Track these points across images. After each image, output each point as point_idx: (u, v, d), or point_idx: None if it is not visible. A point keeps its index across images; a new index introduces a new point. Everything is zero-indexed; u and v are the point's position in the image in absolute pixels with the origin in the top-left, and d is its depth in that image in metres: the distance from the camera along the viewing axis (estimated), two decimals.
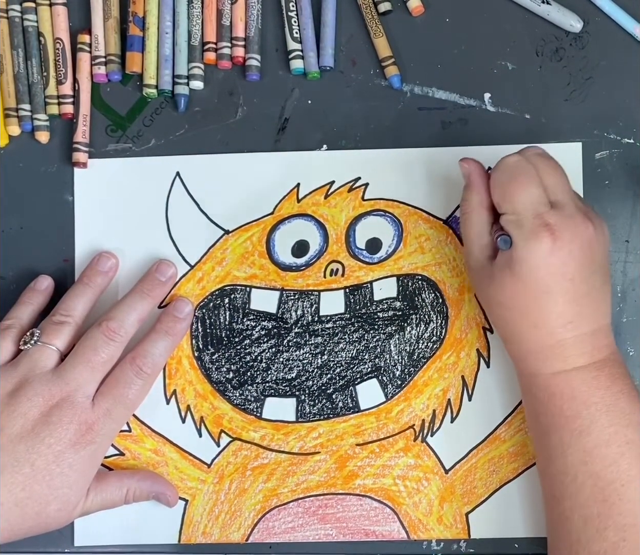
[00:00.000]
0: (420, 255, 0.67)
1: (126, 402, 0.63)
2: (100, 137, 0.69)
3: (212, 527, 0.66)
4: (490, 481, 0.65)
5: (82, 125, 0.69)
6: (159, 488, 0.65)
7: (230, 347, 0.67)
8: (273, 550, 0.66)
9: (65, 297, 0.66)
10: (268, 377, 0.67)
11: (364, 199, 0.67)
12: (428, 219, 0.67)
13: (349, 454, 0.66)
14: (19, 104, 0.69)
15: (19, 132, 0.70)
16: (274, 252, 0.68)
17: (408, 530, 0.65)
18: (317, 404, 0.66)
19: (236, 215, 0.68)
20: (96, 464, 0.63)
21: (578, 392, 0.57)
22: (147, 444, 0.67)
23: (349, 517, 0.66)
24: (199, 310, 0.67)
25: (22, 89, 0.69)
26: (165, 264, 0.67)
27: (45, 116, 0.69)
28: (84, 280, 0.66)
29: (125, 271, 0.68)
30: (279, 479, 0.66)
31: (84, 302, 0.65)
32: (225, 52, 0.68)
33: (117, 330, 0.63)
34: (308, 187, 0.68)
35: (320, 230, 0.67)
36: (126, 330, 0.64)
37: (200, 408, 0.67)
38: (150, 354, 0.64)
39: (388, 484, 0.66)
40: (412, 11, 0.68)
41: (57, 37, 0.69)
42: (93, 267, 0.67)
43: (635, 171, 0.66)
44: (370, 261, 0.67)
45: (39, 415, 0.61)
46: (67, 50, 0.69)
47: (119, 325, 0.64)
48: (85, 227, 0.69)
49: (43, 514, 0.60)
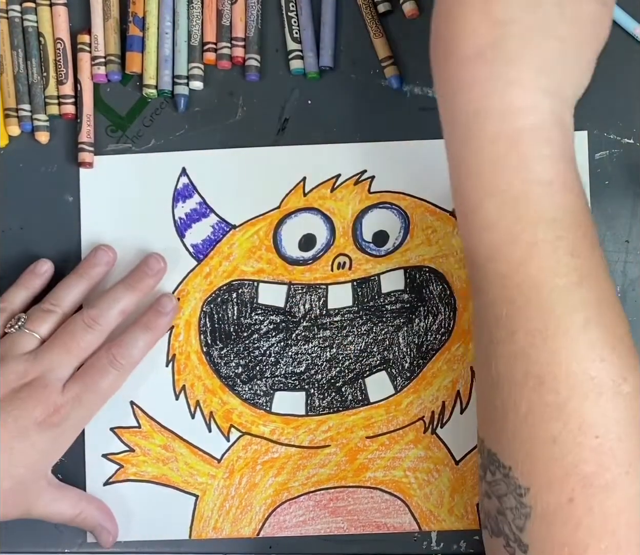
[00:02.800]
0: (428, 247, 0.67)
1: (97, 390, 0.63)
2: (100, 138, 0.69)
3: (223, 522, 0.66)
4: None
5: (86, 125, 0.69)
6: (107, 524, 0.65)
7: (239, 342, 0.67)
8: (273, 550, 0.66)
9: (57, 287, 0.66)
10: (277, 371, 0.67)
11: (370, 192, 0.67)
12: (434, 210, 0.67)
13: (359, 447, 0.66)
14: (18, 104, 0.70)
15: (19, 133, 0.70)
16: (281, 246, 0.68)
17: (419, 521, 0.65)
18: (326, 397, 0.67)
19: (243, 209, 0.68)
20: (58, 450, 0.63)
21: None
22: (156, 439, 0.67)
23: (360, 510, 0.66)
24: (206, 305, 0.67)
25: (22, 89, 0.70)
26: (153, 258, 0.67)
27: (45, 116, 0.69)
28: (79, 271, 0.66)
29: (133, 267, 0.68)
30: (289, 472, 0.66)
31: (75, 294, 0.66)
32: (225, 52, 0.69)
33: (96, 319, 0.64)
34: (314, 180, 0.68)
35: (327, 223, 0.68)
36: (106, 320, 0.64)
37: (210, 403, 0.67)
38: (127, 344, 0.64)
39: (399, 476, 0.66)
40: (407, 14, 0.68)
41: (58, 38, 0.69)
42: (89, 259, 0.67)
43: (635, 171, 0.66)
44: (378, 254, 0.67)
45: (9, 391, 0.62)
46: (67, 50, 0.69)
47: (99, 313, 0.64)
48: (92, 224, 0.69)
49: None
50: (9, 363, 0.63)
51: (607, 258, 0.63)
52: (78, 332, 0.63)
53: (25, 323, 0.64)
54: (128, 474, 0.67)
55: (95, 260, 0.67)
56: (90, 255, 0.67)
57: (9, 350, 0.63)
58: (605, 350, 0.50)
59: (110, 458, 0.67)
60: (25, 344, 0.64)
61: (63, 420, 0.62)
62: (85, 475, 0.67)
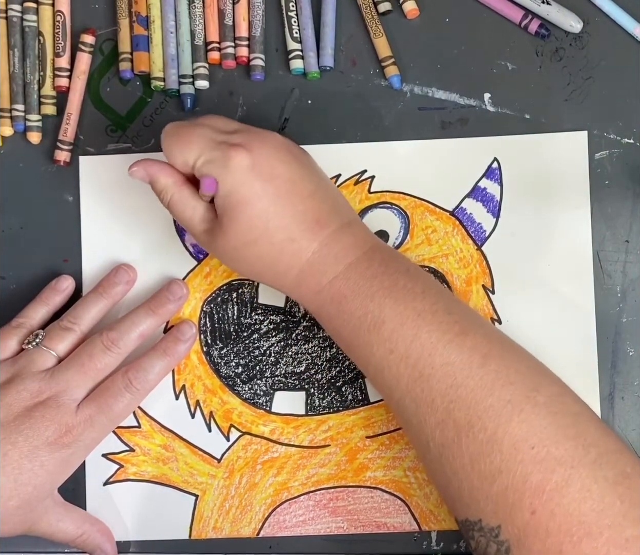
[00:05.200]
0: (427, 247, 0.67)
1: (110, 413, 0.63)
2: (100, 137, 0.70)
3: (223, 522, 0.66)
4: None
5: (65, 123, 0.69)
6: (107, 548, 0.65)
7: (239, 342, 0.67)
8: (273, 550, 0.66)
9: (76, 304, 0.66)
10: (277, 371, 0.67)
11: (370, 192, 0.67)
12: (434, 210, 0.67)
13: (359, 447, 0.66)
14: (12, 105, 0.70)
15: (11, 133, 0.70)
16: None
17: (419, 521, 0.65)
18: (326, 397, 0.67)
19: None
20: (67, 472, 0.63)
21: (358, 288, 0.57)
22: (156, 439, 0.67)
23: (360, 510, 0.66)
24: (206, 305, 0.68)
25: (16, 89, 0.70)
26: (176, 284, 0.67)
27: (37, 116, 0.69)
28: (99, 290, 0.66)
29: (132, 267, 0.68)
30: (289, 472, 0.66)
31: (94, 312, 0.66)
32: (229, 51, 0.69)
33: (115, 342, 0.64)
34: None
35: None
36: (125, 343, 0.64)
37: (210, 403, 0.67)
38: (144, 370, 0.64)
39: (399, 475, 0.66)
40: (407, 14, 0.68)
41: (58, 10, 0.69)
42: (110, 278, 0.67)
43: (635, 171, 0.66)
44: None
45: (23, 409, 0.61)
46: (67, 24, 0.69)
47: (118, 336, 0.64)
48: (91, 223, 0.69)
49: (1, 508, 0.60)
50: (24, 381, 0.62)
51: (607, 258, 0.64)
52: (96, 354, 0.63)
53: (43, 340, 0.64)
54: (128, 474, 0.67)
55: (116, 280, 0.67)
56: (110, 274, 0.67)
57: (26, 368, 0.63)
58: (510, 375, 0.54)
59: (110, 458, 0.67)
60: (42, 361, 0.64)
61: (74, 442, 0.62)
62: (85, 475, 0.67)
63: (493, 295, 0.66)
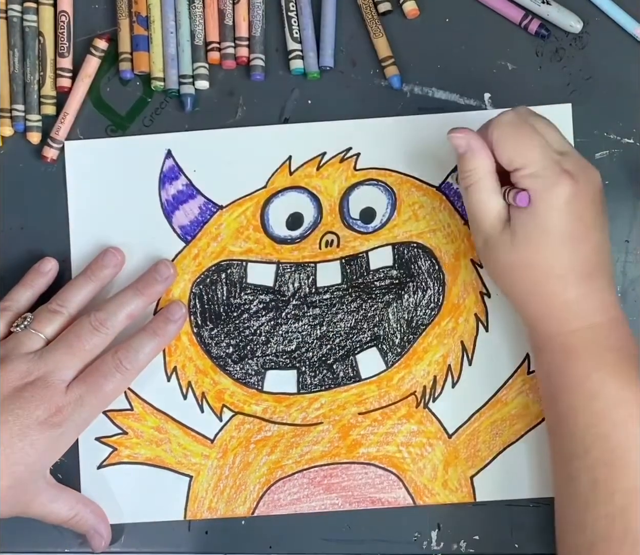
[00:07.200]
0: (415, 222, 0.67)
1: (100, 393, 0.63)
2: (100, 137, 0.69)
3: (218, 502, 0.66)
4: (493, 444, 0.65)
5: (59, 121, 0.69)
6: (101, 529, 0.65)
7: (229, 322, 0.67)
8: (273, 550, 0.66)
9: (65, 288, 0.66)
10: (268, 350, 0.67)
11: (356, 169, 0.68)
12: (421, 186, 0.67)
13: (351, 423, 0.66)
14: (12, 105, 0.70)
15: (11, 133, 0.70)
16: (268, 225, 0.68)
17: (414, 496, 0.65)
18: (317, 375, 0.67)
19: (229, 190, 0.68)
20: (57, 452, 0.63)
21: (590, 353, 0.58)
22: (149, 421, 0.67)
23: (354, 486, 0.66)
24: (196, 286, 0.68)
25: (17, 89, 0.70)
26: (163, 264, 0.67)
27: (37, 116, 0.69)
28: (87, 273, 0.66)
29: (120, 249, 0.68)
30: (282, 451, 0.66)
31: (82, 295, 0.66)
32: (229, 51, 0.69)
33: (103, 322, 0.64)
34: (300, 159, 0.68)
35: (313, 202, 0.68)
36: (113, 324, 0.64)
37: (202, 384, 0.67)
38: (134, 349, 0.64)
39: (392, 451, 0.66)
40: (408, 14, 0.68)
41: (62, 10, 0.69)
42: (97, 262, 0.67)
43: (635, 171, 0.66)
44: (365, 231, 0.67)
45: (12, 390, 0.62)
46: (71, 24, 0.69)
47: (106, 317, 0.64)
48: (79, 206, 0.69)
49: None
50: (12, 362, 0.62)
51: None
52: (84, 334, 0.63)
53: (32, 323, 0.64)
54: (122, 457, 0.67)
55: (104, 263, 0.67)
56: (98, 257, 0.67)
57: (14, 350, 0.63)
58: None
59: (103, 441, 0.67)
60: (31, 343, 0.64)
61: (64, 421, 0.62)
62: (79, 459, 0.67)
63: (482, 269, 0.66)
